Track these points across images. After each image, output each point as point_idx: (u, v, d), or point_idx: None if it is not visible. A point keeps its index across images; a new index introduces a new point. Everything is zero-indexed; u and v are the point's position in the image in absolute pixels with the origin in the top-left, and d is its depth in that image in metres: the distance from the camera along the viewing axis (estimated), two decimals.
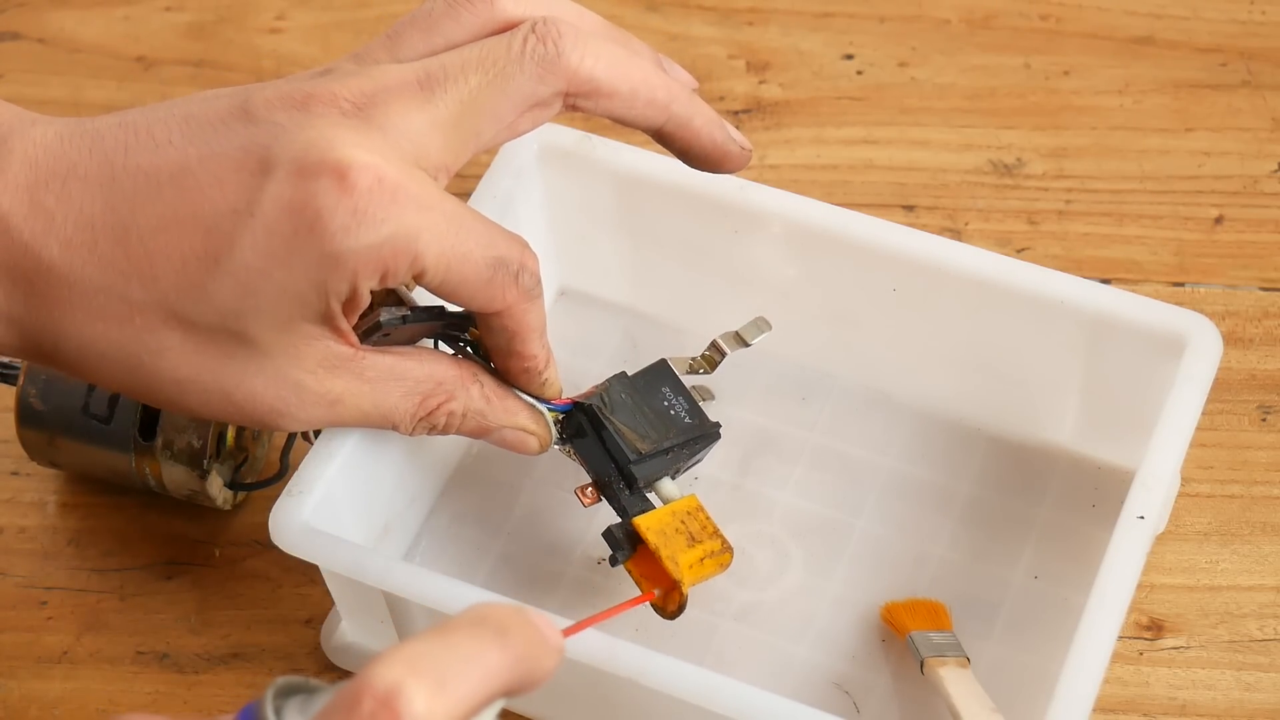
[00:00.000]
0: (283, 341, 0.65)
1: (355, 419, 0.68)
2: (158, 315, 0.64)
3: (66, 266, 0.64)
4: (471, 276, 0.66)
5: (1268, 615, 0.76)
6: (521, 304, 0.68)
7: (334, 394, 0.67)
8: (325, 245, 0.63)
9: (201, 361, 0.65)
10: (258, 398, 0.66)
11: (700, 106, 0.71)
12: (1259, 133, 0.90)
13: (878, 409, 0.81)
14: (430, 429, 0.70)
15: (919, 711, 0.73)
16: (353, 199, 0.62)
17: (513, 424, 0.71)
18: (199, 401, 0.66)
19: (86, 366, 0.66)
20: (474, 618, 0.51)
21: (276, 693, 0.51)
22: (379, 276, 0.64)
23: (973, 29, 0.95)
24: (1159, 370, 0.73)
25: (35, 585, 0.79)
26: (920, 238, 0.76)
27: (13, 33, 0.97)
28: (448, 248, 0.65)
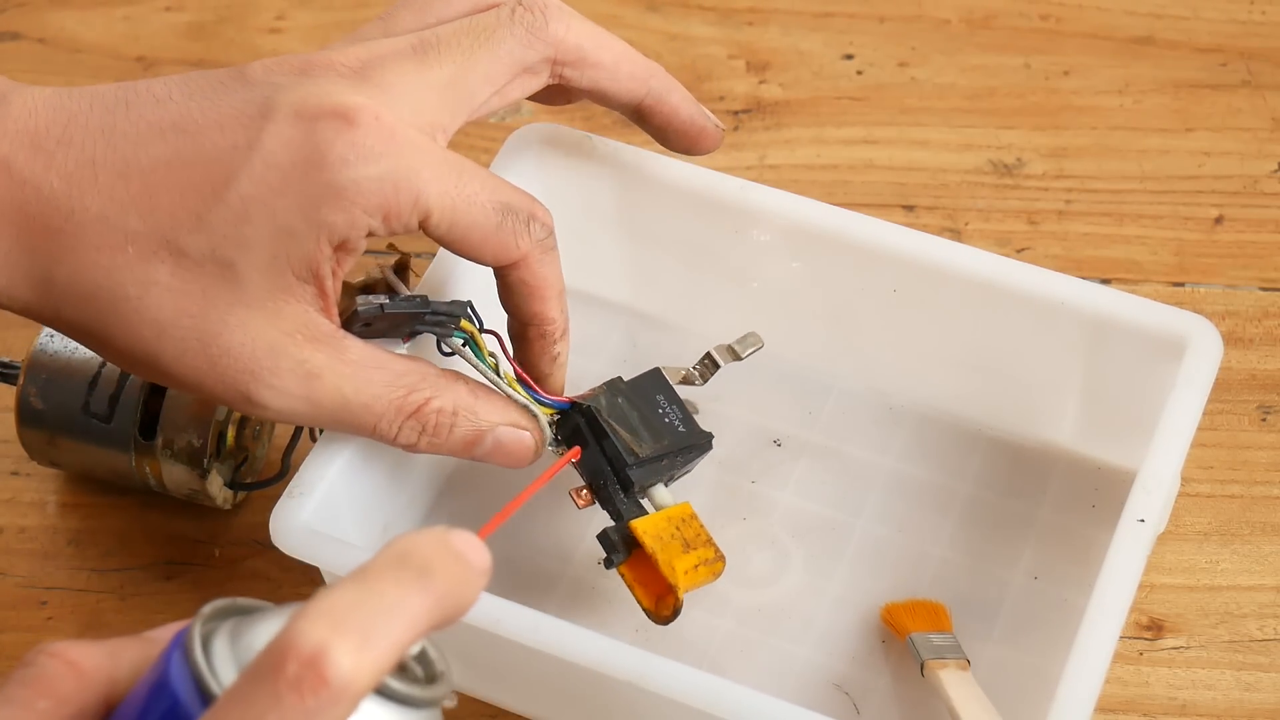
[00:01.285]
0: (267, 287, 0.65)
1: (333, 402, 0.67)
2: (151, 244, 0.65)
3: (66, 197, 0.65)
4: (480, 220, 0.67)
5: (1268, 615, 0.76)
6: (537, 254, 0.69)
7: (311, 366, 0.66)
8: (323, 176, 0.64)
9: (184, 302, 0.65)
10: (232, 354, 0.65)
11: (676, 83, 0.74)
12: (1259, 133, 0.90)
13: (878, 409, 0.81)
14: (420, 431, 0.69)
15: (919, 713, 0.73)
16: (352, 134, 0.64)
17: (507, 420, 0.71)
18: (174, 352, 0.65)
19: (71, 306, 0.66)
20: (395, 558, 0.49)
21: (207, 619, 0.50)
22: (381, 215, 0.65)
23: (973, 29, 0.95)
24: (1159, 371, 0.73)
25: (35, 585, 0.79)
26: (920, 238, 0.76)
27: (13, 33, 0.97)
28: (451, 188, 0.66)
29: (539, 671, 0.69)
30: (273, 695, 0.46)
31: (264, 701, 0.46)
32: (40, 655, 0.52)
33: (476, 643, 0.69)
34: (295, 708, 0.46)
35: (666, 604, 0.70)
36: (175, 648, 0.50)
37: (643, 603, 0.71)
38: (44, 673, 0.52)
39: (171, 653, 0.50)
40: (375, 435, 0.69)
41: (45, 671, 0.52)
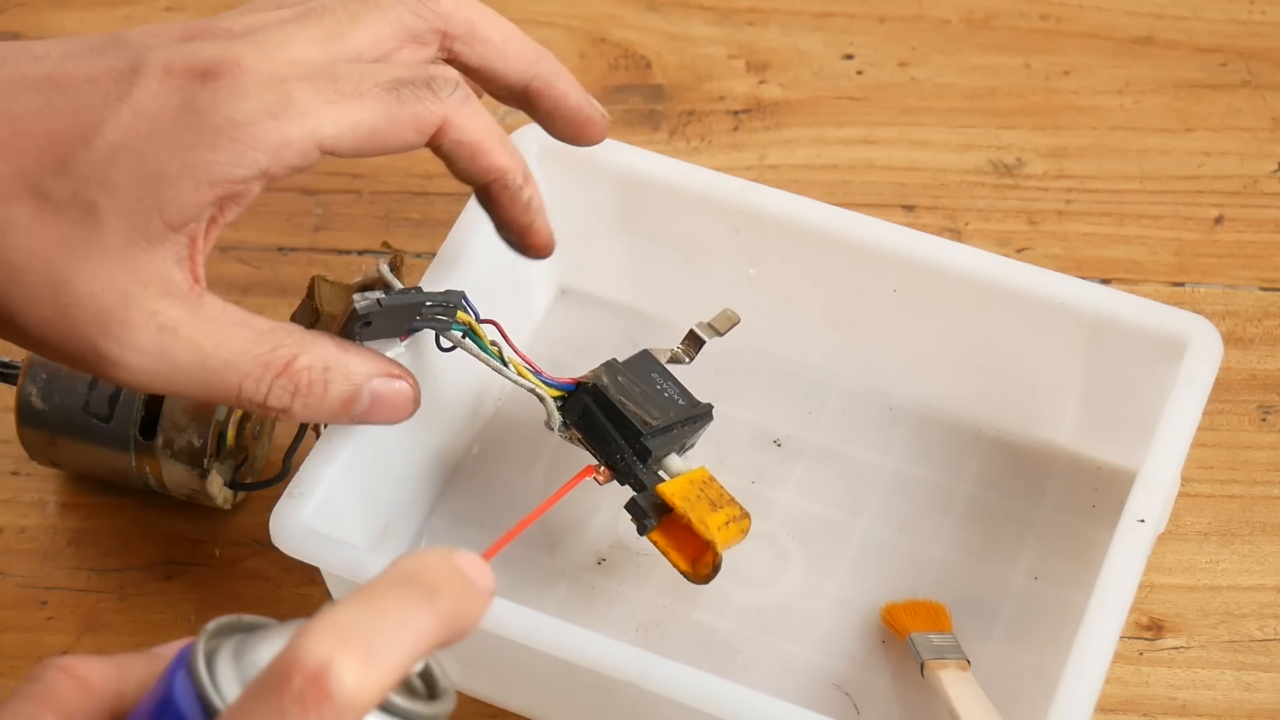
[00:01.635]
0: (128, 235, 0.63)
1: (190, 359, 0.64)
2: (14, 186, 0.63)
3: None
4: (379, 107, 0.65)
5: (1268, 615, 0.76)
6: (455, 109, 0.67)
7: (165, 319, 0.64)
8: (197, 120, 0.63)
9: (40, 246, 0.63)
10: (82, 303, 0.63)
11: (565, 70, 0.73)
12: (1259, 133, 0.90)
13: (878, 409, 0.81)
14: (292, 392, 0.66)
15: (919, 713, 0.73)
16: (219, 80, 0.64)
17: (379, 370, 0.68)
18: (23, 300, 0.63)
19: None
20: (401, 576, 0.49)
21: (211, 635, 0.50)
22: (267, 147, 0.63)
23: (973, 29, 0.95)
24: (1159, 372, 0.73)
25: (35, 585, 0.79)
26: (920, 238, 0.76)
27: (13, 33, 0.97)
28: (332, 94, 0.65)
29: (539, 671, 0.69)
30: (277, 710, 0.46)
31: (268, 716, 0.46)
32: (48, 669, 0.52)
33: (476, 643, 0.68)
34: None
35: (705, 563, 0.71)
36: (179, 664, 0.50)
37: (680, 566, 0.71)
38: (51, 687, 0.51)
39: (176, 669, 0.50)
40: (240, 400, 0.66)
41: (52, 686, 0.51)
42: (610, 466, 0.72)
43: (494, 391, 0.82)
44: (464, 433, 0.80)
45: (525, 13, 0.95)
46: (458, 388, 0.78)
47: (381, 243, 0.85)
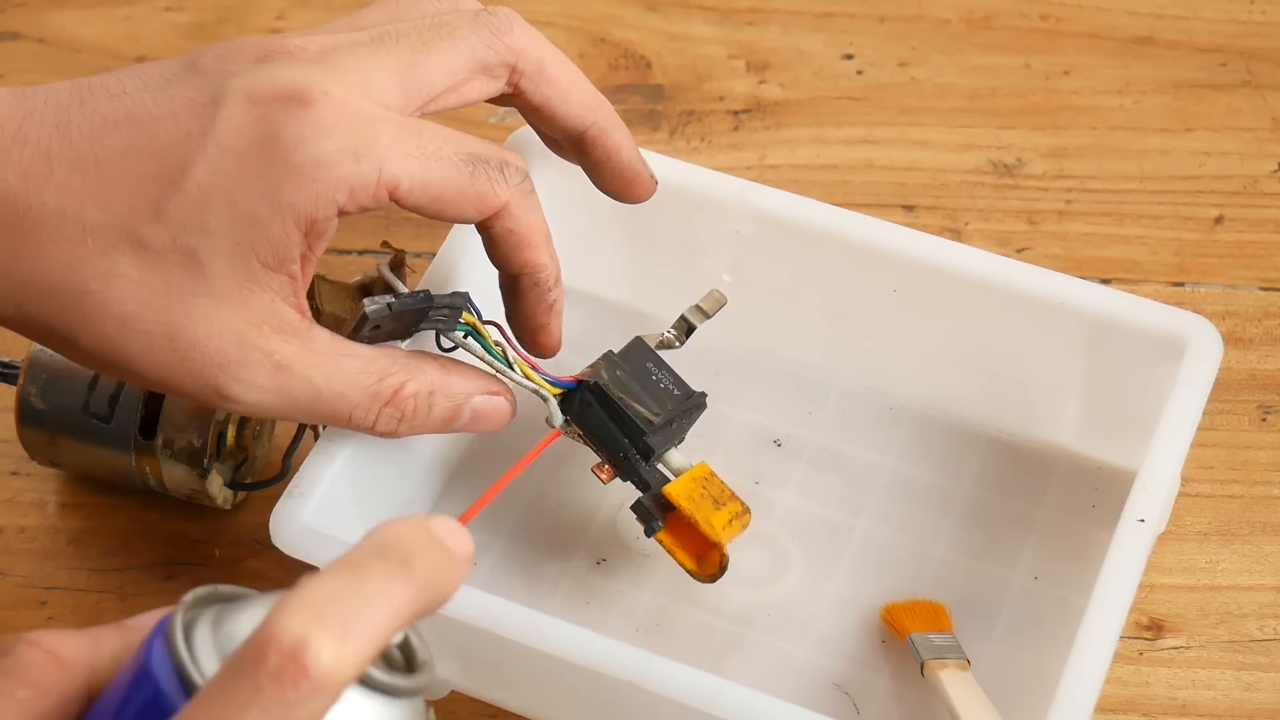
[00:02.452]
0: (232, 277, 0.64)
1: (305, 394, 0.66)
2: (111, 237, 0.64)
3: (23, 193, 0.64)
4: (453, 175, 0.66)
5: (1268, 615, 0.76)
6: (518, 199, 0.68)
7: (280, 357, 0.65)
8: (280, 156, 0.64)
9: (147, 294, 0.64)
10: (199, 347, 0.64)
11: (622, 123, 0.74)
12: (1259, 133, 0.90)
13: (878, 409, 0.81)
14: (399, 419, 0.68)
15: (919, 713, 0.73)
16: (305, 112, 0.64)
17: (480, 389, 0.70)
18: (139, 347, 0.65)
19: (33, 303, 0.65)
20: (377, 547, 0.49)
21: (189, 606, 0.50)
22: (346, 189, 0.64)
23: (973, 29, 0.95)
24: (1159, 372, 0.73)
25: (35, 585, 0.79)
26: (920, 238, 0.76)
27: (13, 33, 0.97)
28: (413, 149, 0.65)
29: (539, 671, 0.69)
30: (254, 687, 0.46)
31: (245, 693, 0.46)
32: (19, 644, 0.52)
33: (476, 643, 0.69)
34: (276, 699, 0.46)
35: (710, 561, 0.71)
36: (157, 636, 0.49)
37: (686, 565, 0.71)
38: (23, 662, 0.51)
39: (153, 641, 0.49)
40: (351, 425, 0.68)
41: (25, 660, 0.51)
42: (613, 464, 0.73)
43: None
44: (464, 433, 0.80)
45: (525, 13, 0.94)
46: None
47: (381, 242, 0.85)
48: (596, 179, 0.74)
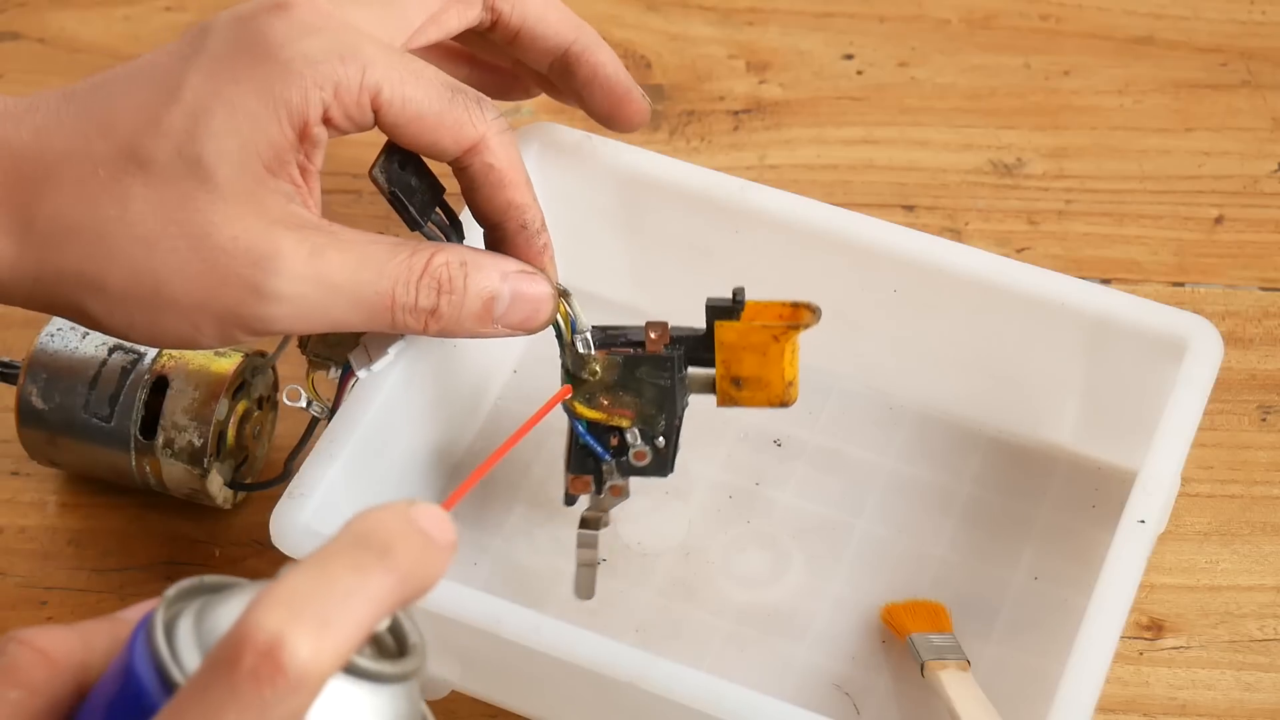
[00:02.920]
0: (243, 180, 0.64)
1: (344, 277, 0.65)
2: (118, 161, 0.65)
3: (35, 146, 0.65)
4: (434, 95, 0.67)
5: (1268, 615, 0.76)
6: (496, 132, 0.68)
7: (312, 245, 0.65)
8: (269, 54, 0.65)
9: (166, 210, 0.64)
10: (229, 250, 0.64)
11: (605, 44, 0.75)
12: (1259, 133, 0.90)
13: (878, 409, 0.81)
14: (436, 289, 0.67)
15: (919, 714, 0.73)
16: (290, 14, 0.65)
17: (515, 266, 0.69)
18: (170, 268, 0.64)
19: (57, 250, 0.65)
20: (355, 537, 0.48)
21: (171, 601, 0.49)
22: (332, 87, 0.65)
23: (973, 29, 0.95)
24: (1159, 372, 0.73)
25: (35, 585, 0.79)
26: (920, 238, 0.76)
27: (13, 33, 0.97)
28: (397, 64, 0.66)
29: (539, 671, 0.69)
30: (229, 688, 0.45)
31: (221, 694, 0.45)
32: (10, 643, 0.51)
33: (476, 643, 0.69)
34: (253, 699, 0.45)
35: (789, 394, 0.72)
36: (140, 632, 0.49)
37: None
38: (14, 662, 0.51)
39: (136, 638, 0.49)
40: (395, 308, 0.67)
41: (15, 660, 0.51)
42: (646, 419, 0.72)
43: (494, 390, 0.82)
44: (463, 432, 0.80)
45: None
46: (457, 387, 0.78)
47: None
48: (588, 101, 0.75)
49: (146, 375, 0.77)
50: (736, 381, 0.72)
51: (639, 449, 0.72)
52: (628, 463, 0.72)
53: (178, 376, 0.77)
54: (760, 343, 0.71)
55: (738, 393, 0.72)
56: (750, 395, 0.72)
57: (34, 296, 0.66)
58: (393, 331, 0.68)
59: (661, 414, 0.72)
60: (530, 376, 0.82)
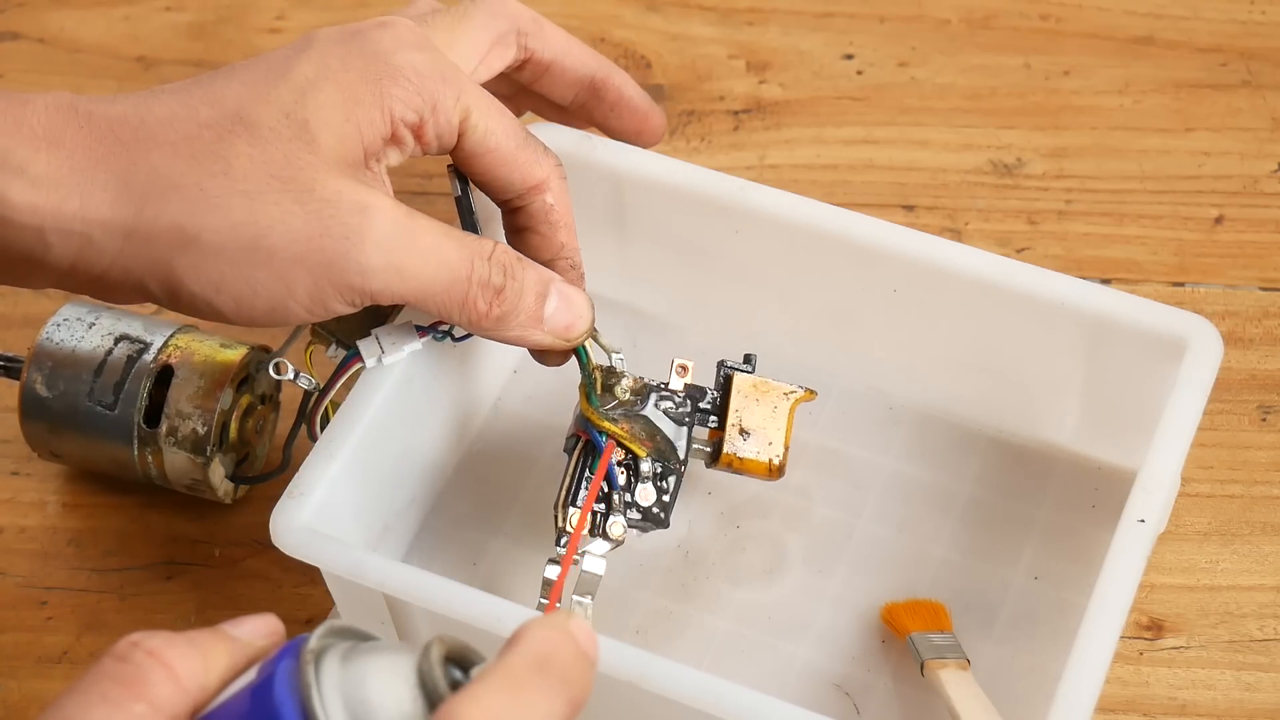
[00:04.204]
0: (342, 151, 0.66)
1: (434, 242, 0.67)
2: (225, 124, 0.66)
3: (134, 114, 0.66)
4: (512, 130, 0.70)
5: (1268, 615, 0.76)
6: (558, 176, 0.72)
7: (403, 211, 0.67)
8: (378, 56, 0.68)
9: (270, 167, 0.65)
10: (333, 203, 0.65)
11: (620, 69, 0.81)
12: (1259, 133, 0.90)
13: (878, 409, 0.81)
14: (503, 270, 0.69)
15: (919, 713, 0.73)
16: (395, 30, 0.69)
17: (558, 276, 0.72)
18: (271, 217, 0.65)
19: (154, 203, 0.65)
20: (537, 662, 0.51)
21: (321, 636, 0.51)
22: (431, 103, 0.68)
23: (973, 29, 0.95)
24: (1159, 372, 0.73)
25: (35, 585, 0.79)
26: (920, 238, 0.76)
27: (13, 33, 0.97)
28: (485, 96, 0.70)
29: None
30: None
31: None
32: (137, 651, 0.52)
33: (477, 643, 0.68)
34: None
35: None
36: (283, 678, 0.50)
37: None
38: (143, 674, 0.51)
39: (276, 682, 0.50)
40: (472, 280, 0.68)
41: (145, 673, 0.51)
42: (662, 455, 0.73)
43: (494, 391, 0.82)
44: (463, 433, 0.80)
45: None
46: (457, 388, 0.78)
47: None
48: (613, 121, 0.80)
49: (151, 365, 0.77)
50: (745, 433, 0.74)
51: (646, 489, 0.72)
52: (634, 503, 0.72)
53: (183, 366, 0.77)
54: (772, 397, 0.74)
55: (743, 444, 0.74)
56: (754, 449, 0.74)
57: (122, 256, 0.65)
58: (459, 315, 0.69)
59: (675, 452, 0.72)
60: (530, 377, 0.82)
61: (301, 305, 0.66)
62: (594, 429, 0.72)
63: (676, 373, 0.74)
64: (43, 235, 0.64)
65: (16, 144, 0.64)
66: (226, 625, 0.54)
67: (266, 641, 0.54)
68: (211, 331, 0.80)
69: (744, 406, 0.74)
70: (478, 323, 0.69)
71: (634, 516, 0.72)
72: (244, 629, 0.54)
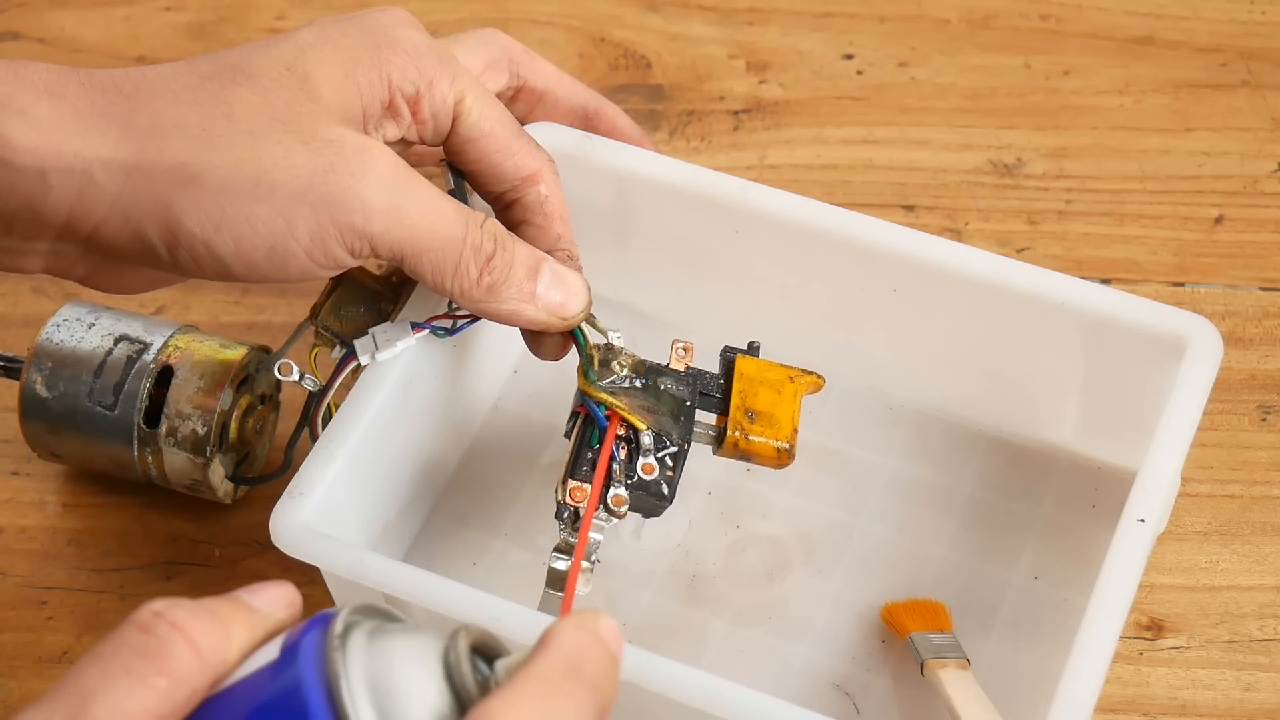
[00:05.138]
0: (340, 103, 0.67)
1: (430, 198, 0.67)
2: (225, 74, 0.66)
3: (138, 73, 0.66)
4: (507, 121, 0.71)
5: (1268, 615, 0.76)
6: (551, 170, 0.72)
7: (401, 163, 0.67)
8: (383, 30, 0.69)
9: (273, 112, 0.66)
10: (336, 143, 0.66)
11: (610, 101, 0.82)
12: (1259, 133, 0.90)
13: (878, 409, 0.81)
14: (494, 238, 0.69)
15: (919, 713, 0.73)
16: (396, 13, 0.70)
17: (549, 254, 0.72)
18: (275, 154, 0.65)
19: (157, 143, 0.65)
20: (570, 666, 0.51)
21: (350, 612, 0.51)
22: (427, 77, 0.68)
23: (973, 29, 0.95)
24: (1159, 372, 0.73)
25: (35, 585, 0.79)
26: (920, 238, 0.76)
27: (13, 33, 0.97)
28: (479, 85, 0.70)
29: None
30: None
31: None
32: (160, 622, 0.51)
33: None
34: None
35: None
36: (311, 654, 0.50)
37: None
38: (165, 646, 0.51)
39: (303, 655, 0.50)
40: (466, 244, 0.68)
41: (167, 645, 0.51)
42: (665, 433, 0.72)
43: (494, 391, 0.82)
44: (463, 432, 0.80)
45: (525, 13, 0.95)
46: (457, 388, 0.78)
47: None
48: None
49: (151, 365, 0.77)
50: (750, 414, 0.73)
51: (648, 461, 0.71)
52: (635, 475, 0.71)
53: (183, 366, 0.77)
54: (777, 379, 0.73)
55: (750, 425, 0.73)
56: (760, 430, 0.73)
57: (122, 197, 0.65)
58: (451, 280, 0.69)
59: (677, 427, 0.72)
60: (530, 377, 0.82)
61: (302, 246, 0.66)
62: (591, 402, 0.71)
63: (677, 354, 0.73)
64: (44, 177, 0.64)
65: (17, 91, 0.64)
66: (244, 593, 0.53)
67: (285, 613, 0.54)
68: (212, 331, 0.80)
69: (748, 390, 0.73)
70: (469, 290, 0.69)
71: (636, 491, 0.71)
72: (262, 598, 0.53)
